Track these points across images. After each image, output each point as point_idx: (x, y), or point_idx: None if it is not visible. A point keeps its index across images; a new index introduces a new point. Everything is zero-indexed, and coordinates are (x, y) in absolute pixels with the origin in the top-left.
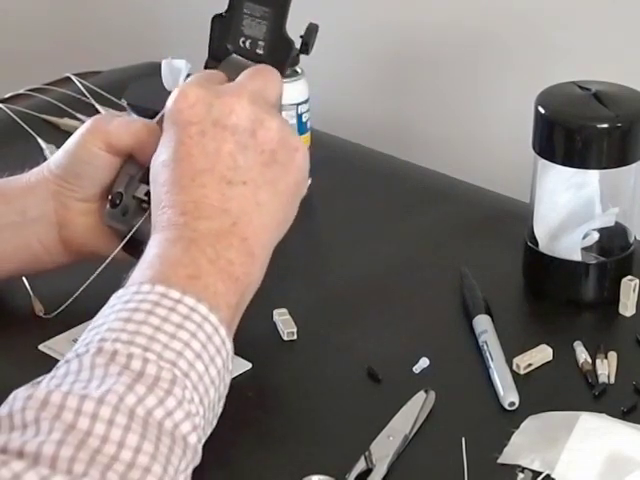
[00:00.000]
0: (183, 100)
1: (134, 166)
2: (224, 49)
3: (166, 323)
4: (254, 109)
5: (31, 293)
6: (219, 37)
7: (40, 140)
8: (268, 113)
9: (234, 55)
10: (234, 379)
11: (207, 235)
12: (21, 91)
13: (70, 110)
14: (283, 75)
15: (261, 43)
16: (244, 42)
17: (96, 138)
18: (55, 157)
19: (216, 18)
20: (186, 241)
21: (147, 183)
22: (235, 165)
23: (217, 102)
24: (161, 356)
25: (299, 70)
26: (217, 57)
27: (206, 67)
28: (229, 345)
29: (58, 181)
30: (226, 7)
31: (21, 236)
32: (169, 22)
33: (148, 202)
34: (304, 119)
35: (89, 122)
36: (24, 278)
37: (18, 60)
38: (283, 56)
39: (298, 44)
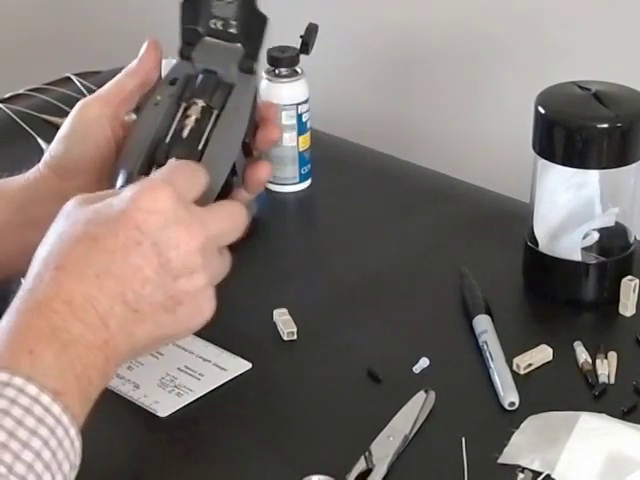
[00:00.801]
0: (150, 200)
1: (130, 161)
2: (196, 33)
3: (20, 427)
4: (195, 258)
5: None
6: (190, 22)
7: (40, 140)
8: (204, 268)
9: (207, 38)
10: (234, 379)
11: (78, 343)
12: (21, 91)
13: (70, 110)
14: (259, 52)
15: (233, 22)
16: (215, 23)
17: (91, 106)
18: (49, 149)
19: (185, 3)
20: (58, 345)
21: (146, 174)
22: (140, 291)
23: (172, 227)
24: (11, 469)
25: (299, 70)
26: (190, 42)
27: (180, 53)
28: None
29: (55, 172)
30: None
31: (24, 236)
32: (169, 22)
33: None
34: (304, 119)
35: (78, 104)
36: (22, 279)
37: (18, 60)
38: (258, 32)
39: (298, 44)
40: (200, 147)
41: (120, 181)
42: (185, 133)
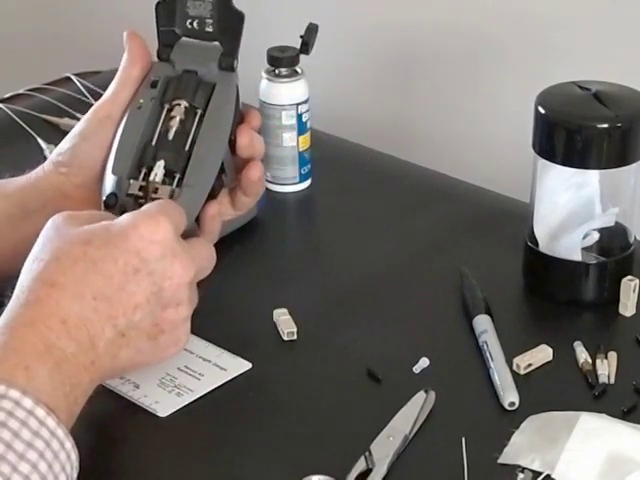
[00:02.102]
0: (152, 231)
1: (118, 166)
2: (173, 34)
3: (17, 440)
4: (184, 290)
5: None
6: (166, 23)
7: (40, 140)
8: (189, 301)
9: (184, 38)
10: (234, 379)
11: (69, 362)
12: (21, 91)
13: (70, 110)
14: (238, 49)
15: (209, 21)
16: (191, 23)
17: (101, 108)
18: (57, 147)
19: (159, 4)
20: (52, 363)
21: (136, 179)
22: (131, 317)
23: (169, 259)
24: None
25: (299, 70)
26: (168, 44)
27: (159, 55)
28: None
29: (58, 168)
30: None
31: (21, 230)
32: None
33: (144, 197)
34: (304, 119)
35: (94, 105)
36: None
37: (18, 60)
38: (236, 29)
39: (298, 44)
40: (187, 148)
41: (109, 187)
42: (171, 135)
